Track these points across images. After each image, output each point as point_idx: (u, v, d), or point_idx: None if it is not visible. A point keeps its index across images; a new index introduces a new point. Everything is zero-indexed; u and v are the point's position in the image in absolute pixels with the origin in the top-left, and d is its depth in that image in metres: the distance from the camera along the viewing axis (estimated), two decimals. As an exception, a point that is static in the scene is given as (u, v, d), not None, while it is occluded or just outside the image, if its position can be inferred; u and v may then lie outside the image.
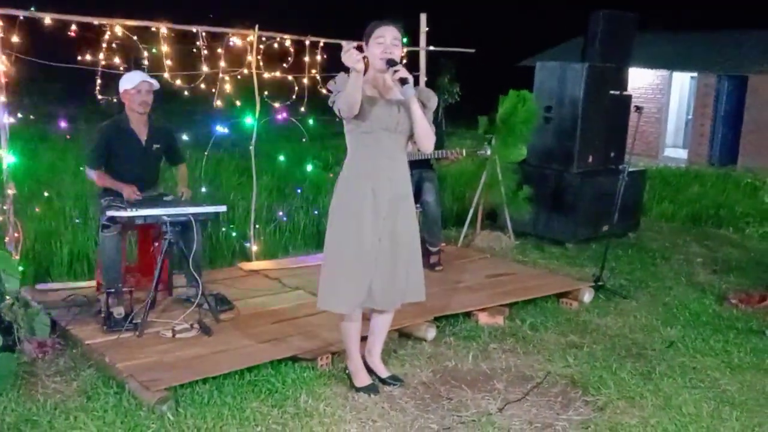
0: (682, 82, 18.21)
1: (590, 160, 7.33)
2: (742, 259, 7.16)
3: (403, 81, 3.49)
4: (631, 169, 6.36)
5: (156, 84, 4.95)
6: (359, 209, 3.65)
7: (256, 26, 5.76)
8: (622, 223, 7.02)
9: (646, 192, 8.84)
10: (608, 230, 6.38)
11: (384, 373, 4.03)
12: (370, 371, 4.00)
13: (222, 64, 5.71)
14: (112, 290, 4.45)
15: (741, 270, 6.72)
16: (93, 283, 5.12)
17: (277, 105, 6.14)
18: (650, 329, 5.06)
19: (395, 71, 3.51)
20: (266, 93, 5.99)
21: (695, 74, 17.42)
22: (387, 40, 3.57)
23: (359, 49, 3.48)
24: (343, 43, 3.59)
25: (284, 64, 6.11)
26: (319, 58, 6.13)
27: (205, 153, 6.22)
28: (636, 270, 6.56)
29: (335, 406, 3.72)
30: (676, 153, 17.67)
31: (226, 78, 5.77)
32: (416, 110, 3.58)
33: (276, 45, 5.97)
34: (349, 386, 3.91)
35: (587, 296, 5.53)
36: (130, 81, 4.86)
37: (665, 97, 17.83)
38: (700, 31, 18.29)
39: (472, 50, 7.38)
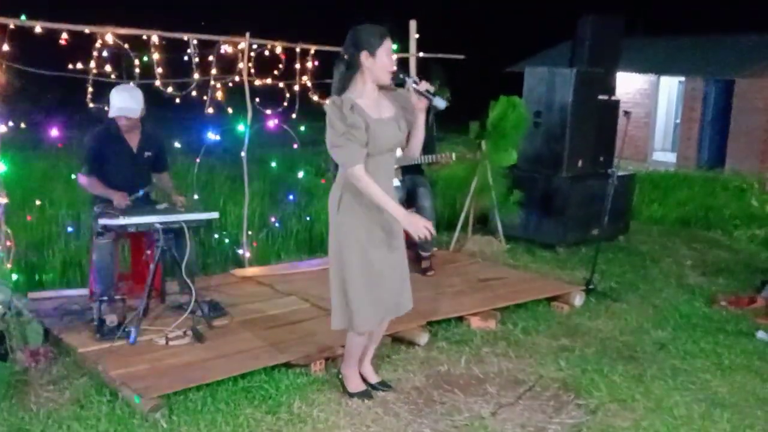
0: (670, 86, 18.31)
1: (580, 164, 7.37)
2: (731, 262, 7.21)
3: (428, 94, 3.43)
4: (620, 173, 6.41)
5: (135, 113, 4.88)
6: (372, 229, 3.58)
7: (248, 34, 5.78)
8: (612, 226, 7.07)
9: (636, 195, 8.90)
10: (598, 234, 6.43)
11: (374, 378, 4.05)
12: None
13: (213, 71, 5.73)
14: (105, 298, 4.45)
15: (730, 272, 6.77)
16: (85, 291, 5.11)
17: (268, 112, 6.15)
18: (641, 332, 5.09)
19: (415, 83, 3.44)
20: (258, 100, 6.01)
21: (683, 78, 17.52)
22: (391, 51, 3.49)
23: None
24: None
25: (275, 71, 6.13)
26: (309, 65, 6.16)
27: (197, 160, 6.23)
28: (626, 273, 6.60)
29: (329, 412, 3.74)
30: (664, 156, 17.75)
31: (218, 85, 5.78)
32: (423, 120, 3.56)
33: (267, 52, 5.99)
34: (342, 391, 3.93)
35: (578, 299, 5.56)
36: (111, 107, 4.88)
37: (653, 102, 17.91)
38: (687, 36, 18.38)
39: (462, 56, 7.43)
